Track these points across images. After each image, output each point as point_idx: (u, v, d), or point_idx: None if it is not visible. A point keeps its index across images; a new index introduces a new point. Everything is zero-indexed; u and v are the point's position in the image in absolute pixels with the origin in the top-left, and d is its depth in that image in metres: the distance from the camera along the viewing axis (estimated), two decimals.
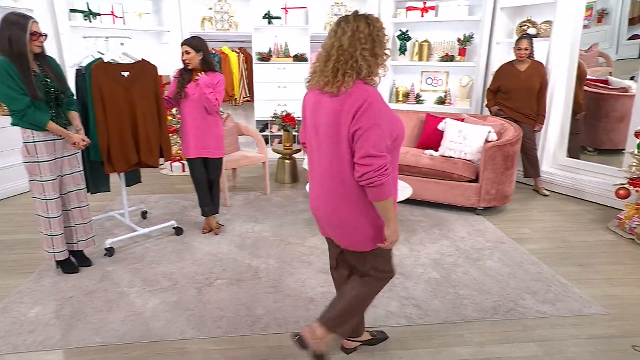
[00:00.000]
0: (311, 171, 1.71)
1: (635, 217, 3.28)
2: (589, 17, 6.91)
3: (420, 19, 5.19)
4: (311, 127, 1.63)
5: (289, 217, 3.69)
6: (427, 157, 3.81)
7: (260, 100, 5.46)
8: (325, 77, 1.51)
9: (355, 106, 1.45)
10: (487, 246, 3.13)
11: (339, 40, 1.49)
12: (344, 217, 1.61)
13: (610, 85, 5.22)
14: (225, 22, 5.25)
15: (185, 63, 3.02)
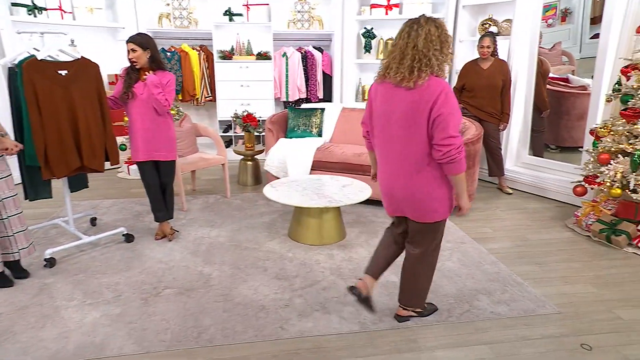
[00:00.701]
0: (381, 156, 1.98)
1: (591, 214, 3.36)
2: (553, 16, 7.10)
3: (385, 17, 5.19)
4: (382, 116, 1.90)
5: (248, 220, 3.61)
6: None
7: (223, 99, 5.35)
8: (401, 73, 1.78)
9: (434, 96, 1.74)
10: (447, 247, 3.14)
11: (413, 41, 1.77)
12: (418, 192, 1.90)
13: (570, 84, 5.36)
14: (184, 18, 5.12)
15: (132, 62, 2.89)
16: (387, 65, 1.85)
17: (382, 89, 1.89)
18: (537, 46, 4.36)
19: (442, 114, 1.74)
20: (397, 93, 1.83)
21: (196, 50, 5.24)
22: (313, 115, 4.40)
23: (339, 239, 3.23)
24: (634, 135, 3.07)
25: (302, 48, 5.47)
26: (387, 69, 1.85)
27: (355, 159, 3.85)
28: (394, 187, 1.96)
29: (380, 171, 2.02)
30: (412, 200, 1.93)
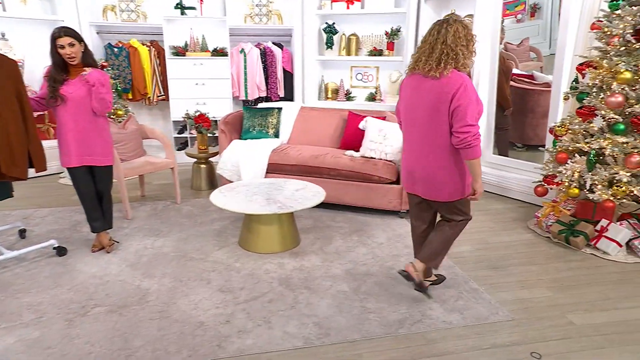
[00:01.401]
0: (407, 141, 2.29)
1: (551, 215, 3.39)
2: (522, 12, 7.22)
3: (346, 11, 5.14)
4: (409, 105, 2.20)
5: (197, 228, 3.49)
6: (348, 159, 3.75)
7: (177, 99, 5.19)
8: (429, 65, 2.06)
9: (455, 88, 2.02)
10: (405, 252, 3.10)
11: (442, 37, 2.04)
12: (439, 175, 2.20)
13: (535, 81, 5.45)
14: (132, 12, 4.93)
15: (70, 58, 2.72)
16: (417, 59, 2.14)
17: (411, 80, 2.20)
18: (499, 43, 4.39)
19: (460, 104, 2.02)
20: (424, 83, 2.13)
21: (146, 45, 5.07)
22: (269, 115, 4.31)
23: (292, 246, 3.15)
24: (590, 134, 3.12)
25: (261, 44, 5.37)
26: (417, 61, 2.13)
27: (312, 160, 3.78)
28: (415, 168, 2.27)
29: (405, 152, 2.34)
30: (430, 180, 2.23)
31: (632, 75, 2.77)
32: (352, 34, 5.32)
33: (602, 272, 2.84)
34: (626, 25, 2.84)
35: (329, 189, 3.75)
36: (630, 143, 2.86)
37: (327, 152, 3.89)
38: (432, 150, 2.17)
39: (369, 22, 5.28)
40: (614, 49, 2.91)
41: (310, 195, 3.15)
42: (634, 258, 2.99)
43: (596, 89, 3.05)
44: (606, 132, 2.97)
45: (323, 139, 4.28)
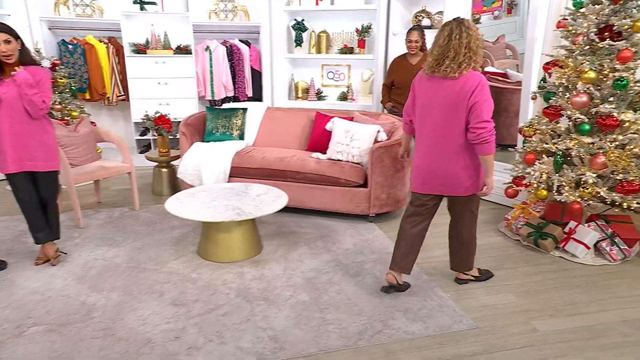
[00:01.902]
0: (423, 141, 2.41)
1: (521, 217, 3.41)
2: (499, 8, 7.29)
3: (316, 8, 5.10)
4: (428, 105, 2.34)
5: (154, 236, 3.38)
6: (314, 161, 3.70)
7: (138, 99, 5.05)
8: (451, 68, 2.21)
9: (474, 86, 2.20)
10: (371, 258, 3.07)
11: (466, 42, 2.20)
12: (454, 170, 2.34)
13: (508, 79, 5.51)
14: (87, 6, 4.78)
15: (6, 56, 2.59)
16: (439, 61, 2.25)
17: (427, 80, 2.34)
18: None
19: (478, 101, 2.19)
20: (443, 83, 2.27)
21: (104, 42, 4.92)
22: (234, 116, 4.23)
23: (253, 254, 3.08)
24: (557, 134, 3.14)
25: (227, 41, 5.28)
26: (439, 64, 2.25)
27: (277, 163, 3.72)
28: (436, 166, 2.38)
29: (420, 152, 2.44)
30: (451, 176, 2.36)
31: (596, 74, 2.80)
32: (322, 31, 5.28)
33: (569, 275, 2.86)
34: (590, 23, 2.86)
35: (294, 193, 3.70)
36: (596, 144, 2.89)
37: (293, 155, 3.83)
38: (452, 148, 2.32)
39: (339, 18, 5.25)
40: (579, 48, 2.93)
41: (272, 200, 3.09)
42: (601, 260, 3.02)
43: (562, 88, 3.07)
44: (572, 133, 2.99)
45: (290, 141, 4.23)
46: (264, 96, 5.42)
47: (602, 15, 2.81)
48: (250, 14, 5.28)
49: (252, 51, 5.37)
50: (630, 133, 2.85)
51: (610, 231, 3.09)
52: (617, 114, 2.79)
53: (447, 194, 2.46)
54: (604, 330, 2.31)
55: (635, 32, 2.75)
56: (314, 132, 4.07)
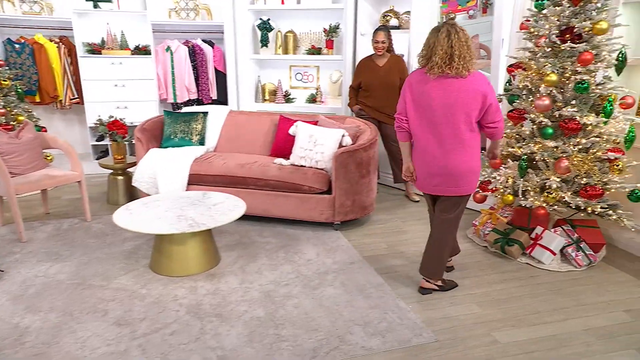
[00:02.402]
0: (426, 140, 2.49)
1: (489, 223, 3.43)
2: (474, 7, 7.38)
3: (281, 7, 5.06)
4: (431, 104, 2.42)
5: (105, 250, 3.27)
6: (276, 167, 3.65)
7: (93, 102, 4.91)
8: (462, 64, 2.32)
9: (485, 87, 2.37)
10: (333, 269, 3.03)
11: (464, 39, 2.33)
12: (462, 167, 2.45)
13: None
14: (35, 3, 4.62)
15: None
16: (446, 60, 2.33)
17: (437, 82, 2.40)
18: None
19: (493, 102, 2.39)
20: (454, 83, 2.36)
21: (54, 42, 4.76)
22: (193, 120, 4.14)
23: (209, 267, 3.00)
24: (522, 137, 3.17)
25: (189, 41, 5.19)
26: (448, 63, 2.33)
27: (237, 170, 3.65)
28: (447, 165, 2.46)
29: (423, 152, 2.52)
30: (463, 174, 2.47)
31: (558, 77, 2.83)
32: (289, 30, 5.23)
33: (535, 282, 2.88)
34: (551, 25, 2.90)
35: (256, 201, 3.64)
36: (560, 147, 2.93)
37: (255, 161, 3.77)
38: (457, 144, 2.43)
39: (307, 18, 5.22)
40: (541, 50, 2.97)
41: (229, 209, 3.02)
42: (567, 266, 3.05)
43: (526, 91, 3.10)
44: (536, 137, 3.02)
45: (253, 146, 4.17)
46: (229, 99, 5.34)
47: (563, 17, 2.85)
48: (213, 12, 5.20)
49: (216, 52, 5.29)
50: (593, 136, 2.89)
51: (576, 236, 3.12)
52: (580, 118, 2.83)
53: (453, 195, 2.55)
54: (566, 340, 2.32)
55: (595, 35, 2.79)
56: (278, 137, 4.02)
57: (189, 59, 5.14)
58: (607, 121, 2.85)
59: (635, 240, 3.25)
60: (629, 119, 2.96)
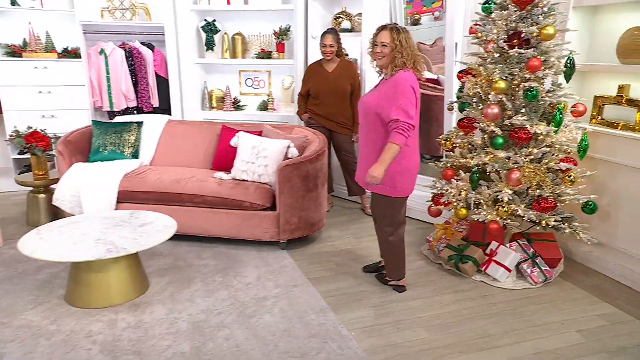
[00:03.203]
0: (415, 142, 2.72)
1: (443, 239, 3.42)
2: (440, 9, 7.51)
3: (227, 7, 4.97)
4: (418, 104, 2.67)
5: (14, 280, 3.07)
6: (215, 182, 3.54)
7: (13, 110, 4.68)
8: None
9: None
10: (273, 293, 2.94)
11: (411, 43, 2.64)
12: None
13: (440, 85, 5.62)
14: None
15: None
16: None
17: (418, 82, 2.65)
18: None
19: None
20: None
21: None
22: (126, 130, 3.99)
23: (135, 296, 2.86)
24: (474, 147, 3.18)
25: (126, 44, 5.03)
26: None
27: (172, 186, 3.53)
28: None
29: (416, 153, 2.74)
30: None
31: (506, 84, 2.86)
32: (237, 33, 5.16)
33: (488, 302, 2.87)
34: (499, 30, 2.93)
35: (193, 220, 3.53)
36: (512, 158, 2.94)
37: (192, 175, 3.65)
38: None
39: (255, 19, 5.15)
40: (490, 55, 2.99)
41: (157, 231, 2.90)
42: (523, 283, 3.07)
43: (477, 99, 3.12)
44: (488, 147, 3.04)
45: (194, 159, 4.05)
46: (172, 106, 5.20)
47: (510, 21, 2.89)
48: (152, 13, 5.06)
49: (157, 55, 5.14)
50: (544, 146, 2.93)
51: (532, 251, 3.15)
52: (530, 127, 2.86)
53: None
54: None
55: (543, 40, 2.84)
56: (219, 149, 3.92)
57: (125, 63, 4.98)
58: (557, 130, 2.89)
59: (592, 253, 3.31)
60: (580, 128, 3.02)
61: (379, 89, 2.70)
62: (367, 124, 2.70)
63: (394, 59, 2.60)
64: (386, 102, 2.56)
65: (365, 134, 2.73)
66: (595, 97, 3.26)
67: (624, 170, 3.04)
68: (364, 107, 2.70)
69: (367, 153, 2.71)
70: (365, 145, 2.74)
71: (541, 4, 2.83)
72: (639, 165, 2.94)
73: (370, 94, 2.77)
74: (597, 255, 3.28)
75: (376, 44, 2.65)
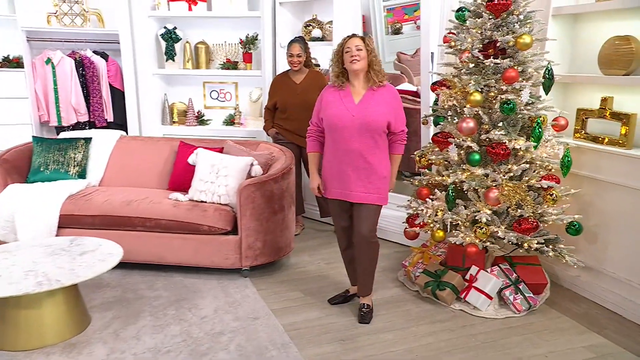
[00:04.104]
0: None
1: (420, 264, 3.37)
2: None
3: (189, 14, 4.95)
4: None
5: None
6: (170, 204, 3.46)
7: None
8: None
9: None
10: (231, 328, 2.85)
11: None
12: None
13: (419, 98, 5.66)
14: None
15: None
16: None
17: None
18: None
19: None
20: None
21: None
22: (71, 148, 3.90)
23: (72, 334, 2.73)
24: (450, 164, 3.17)
25: (76, 52, 4.95)
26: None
27: (121, 209, 3.43)
28: None
29: None
30: None
31: (482, 97, 2.86)
32: (200, 41, 5.13)
33: (467, 334, 2.82)
34: (474, 39, 2.95)
35: (146, 246, 3.44)
36: (490, 175, 2.93)
37: (145, 196, 3.56)
38: None
39: (220, 27, 5.14)
40: (465, 66, 3.00)
41: (99, 259, 2.79)
42: (505, 312, 3.03)
43: (452, 112, 3.12)
44: (464, 163, 3.03)
45: (149, 178, 3.97)
46: (128, 121, 5.11)
47: (485, 29, 2.91)
48: (105, 19, 5.01)
49: (111, 65, 5.07)
50: (524, 163, 2.92)
51: (515, 276, 3.12)
52: (508, 142, 2.86)
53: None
54: None
55: (520, 49, 2.86)
56: (176, 167, 3.85)
57: (76, 74, 4.89)
58: (537, 145, 2.90)
59: (580, 278, 3.30)
60: (562, 143, 3.04)
61: (376, 101, 2.76)
62: (366, 139, 2.73)
63: (372, 63, 2.74)
64: (395, 113, 2.80)
65: (364, 149, 2.74)
66: (578, 110, 3.29)
67: (611, 188, 3.06)
68: (368, 121, 2.71)
69: (365, 169, 2.77)
70: (362, 160, 2.76)
71: (517, 11, 2.86)
72: (627, 182, 2.95)
73: (366, 108, 2.74)
74: (585, 280, 3.27)
75: (348, 50, 2.73)
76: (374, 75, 2.75)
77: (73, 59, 4.89)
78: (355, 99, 2.77)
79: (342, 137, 2.75)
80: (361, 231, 2.84)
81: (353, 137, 2.73)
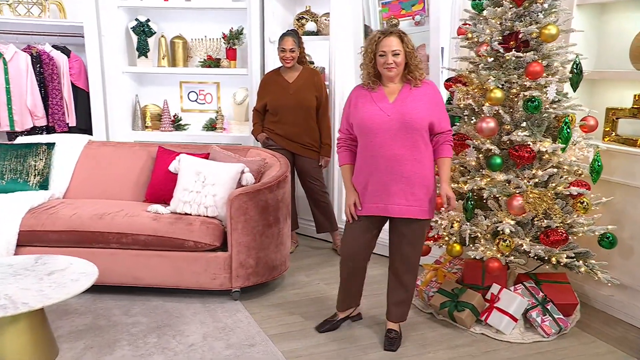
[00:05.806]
0: None
1: (434, 282, 3.44)
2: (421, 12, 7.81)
3: (165, 4, 5.03)
4: None
5: None
6: (150, 217, 3.49)
7: None
8: None
9: None
10: (224, 356, 2.88)
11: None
12: None
13: None
14: None
15: None
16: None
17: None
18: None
19: None
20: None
21: None
22: (32, 154, 3.92)
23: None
24: (467, 170, 3.26)
25: (32, 47, 4.97)
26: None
27: (94, 223, 3.46)
28: None
29: None
30: None
31: (503, 94, 2.97)
32: (177, 36, 5.21)
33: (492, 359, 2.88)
34: (493, 30, 3.07)
35: (121, 266, 3.48)
36: (513, 182, 3.03)
37: (120, 209, 3.59)
38: None
39: (200, 20, 5.24)
40: (483, 60, 3.11)
41: (70, 280, 2.78)
42: (532, 335, 3.10)
43: (468, 111, 3.22)
44: (484, 168, 3.12)
45: (122, 189, 4.02)
46: (93, 126, 5.13)
47: (506, 20, 3.03)
48: (66, 9, 5.06)
49: (74, 62, 5.10)
50: (551, 167, 3.02)
51: (542, 295, 3.20)
52: (533, 144, 2.96)
53: None
54: None
55: (544, 41, 2.98)
56: (155, 176, 3.89)
57: (32, 71, 4.90)
58: (565, 148, 3.00)
59: (615, 298, 3.39)
60: (592, 145, 3.15)
61: (415, 96, 2.73)
62: (406, 142, 2.70)
63: (410, 62, 2.73)
64: (439, 110, 2.80)
65: (403, 155, 2.71)
66: (608, 110, 3.42)
67: None
68: (407, 121, 2.67)
69: (407, 177, 2.74)
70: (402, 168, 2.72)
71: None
72: None
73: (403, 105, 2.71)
74: (619, 299, 3.36)
75: (383, 54, 2.69)
76: (413, 73, 2.74)
77: (29, 54, 4.90)
78: (389, 98, 2.76)
79: (377, 143, 2.71)
80: (407, 254, 2.89)
81: (390, 141, 2.69)
